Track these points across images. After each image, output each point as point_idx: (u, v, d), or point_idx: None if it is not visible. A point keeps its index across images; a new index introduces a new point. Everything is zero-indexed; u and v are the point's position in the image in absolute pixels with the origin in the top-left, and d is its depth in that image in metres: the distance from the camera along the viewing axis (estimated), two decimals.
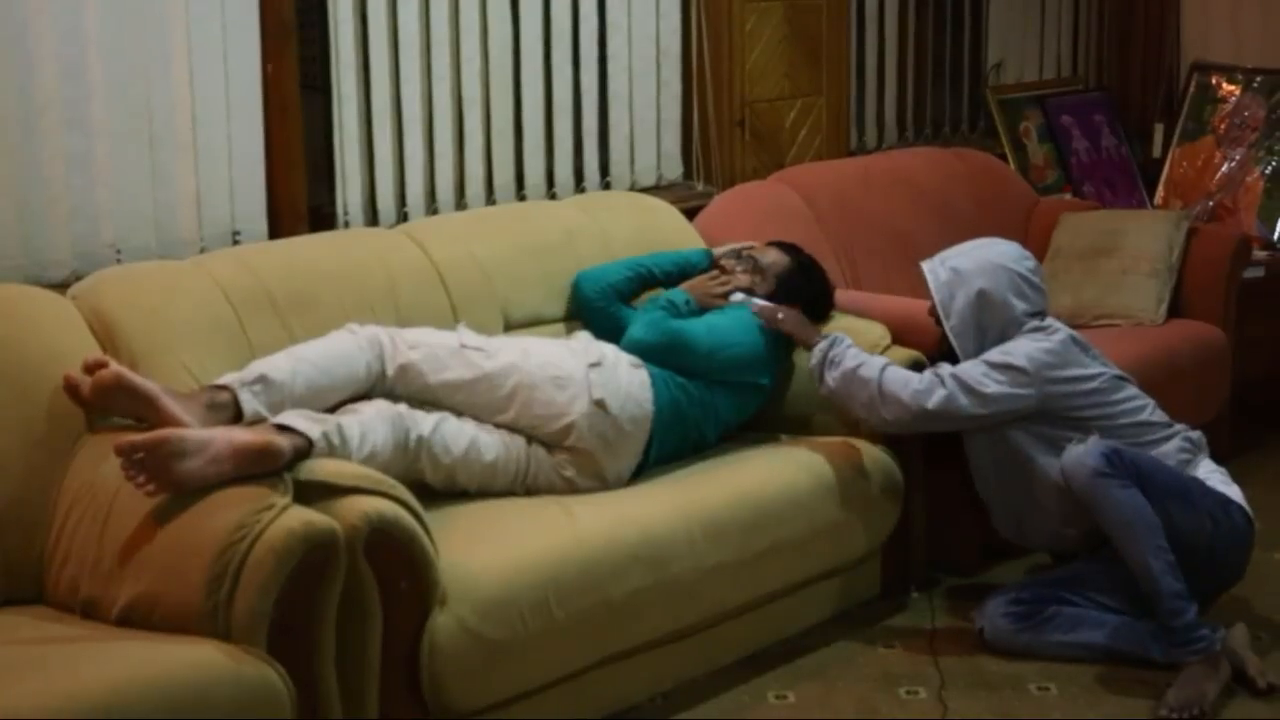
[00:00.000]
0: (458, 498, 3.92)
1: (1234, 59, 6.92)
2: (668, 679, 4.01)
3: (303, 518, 3.16)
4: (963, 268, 4.31)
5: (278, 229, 4.49)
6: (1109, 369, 4.30)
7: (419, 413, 3.85)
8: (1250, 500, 4.26)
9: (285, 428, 3.46)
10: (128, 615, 3.21)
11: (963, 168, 5.99)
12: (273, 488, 3.23)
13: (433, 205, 4.91)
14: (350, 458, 3.56)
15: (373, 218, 4.77)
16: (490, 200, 5.05)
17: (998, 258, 4.33)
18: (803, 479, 4.24)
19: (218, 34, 4.33)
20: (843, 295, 4.85)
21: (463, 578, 3.49)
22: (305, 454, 3.43)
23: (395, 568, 3.34)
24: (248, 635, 3.09)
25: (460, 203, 4.98)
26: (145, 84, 4.21)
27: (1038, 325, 4.26)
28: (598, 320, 4.49)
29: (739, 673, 4.11)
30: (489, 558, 3.60)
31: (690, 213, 5.12)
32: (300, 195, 4.58)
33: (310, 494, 3.28)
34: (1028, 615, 4.21)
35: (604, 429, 4.04)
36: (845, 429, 4.44)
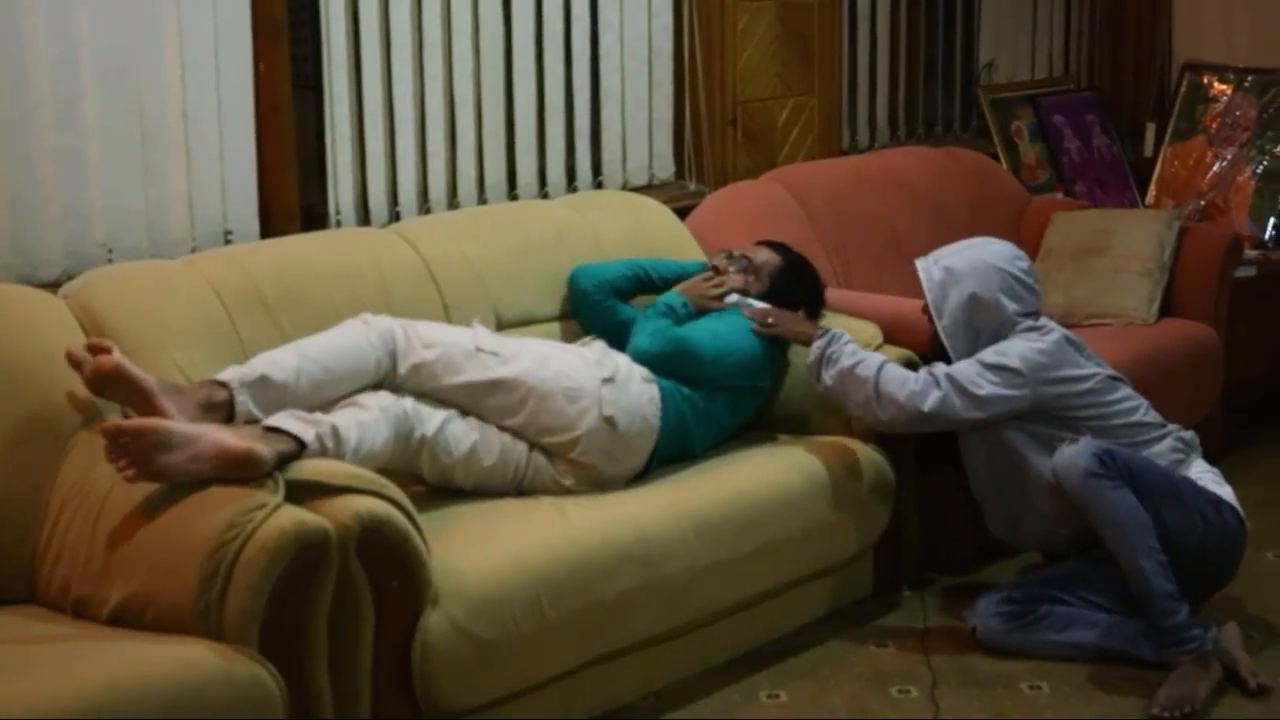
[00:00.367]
0: (450, 497, 3.92)
1: (1225, 58, 6.93)
2: (659, 678, 4.01)
3: (295, 517, 3.16)
4: (956, 267, 4.31)
5: (269, 228, 4.49)
6: (1103, 369, 4.30)
7: (424, 409, 3.84)
8: (1241, 499, 4.27)
9: (277, 430, 3.46)
10: (119, 615, 3.21)
11: (955, 167, 6.00)
12: (264, 487, 3.22)
13: (425, 204, 4.90)
14: (345, 458, 3.56)
15: (365, 217, 4.76)
16: (482, 200, 5.05)
17: (991, 258, 4.33)
18: (795, 478, 4.24)
19: (209, 33, 4.32)
20: (835, 294, 4.85)
21: (455, 577, 3.49)
22: (295, 456, 3.43)
23: (387, 567, 3.34)
24: (240, 635, 3.09)
25: (452, 202, 4.98)
26: (137, 83, 4.21)
27: (1031, 325, 4.27)
28: (592, 315, 4.48)
29: (731, 672, 4.11)
30: (481, 557, 3.60)
31: (682, 212, 5.13)
32: (292, 194, 4.57)
33: (302, 493, 3.28)
34: (1020, 614, 4.21)
35: (609, 445, 4.04)
36: (838, 428, 4.44)
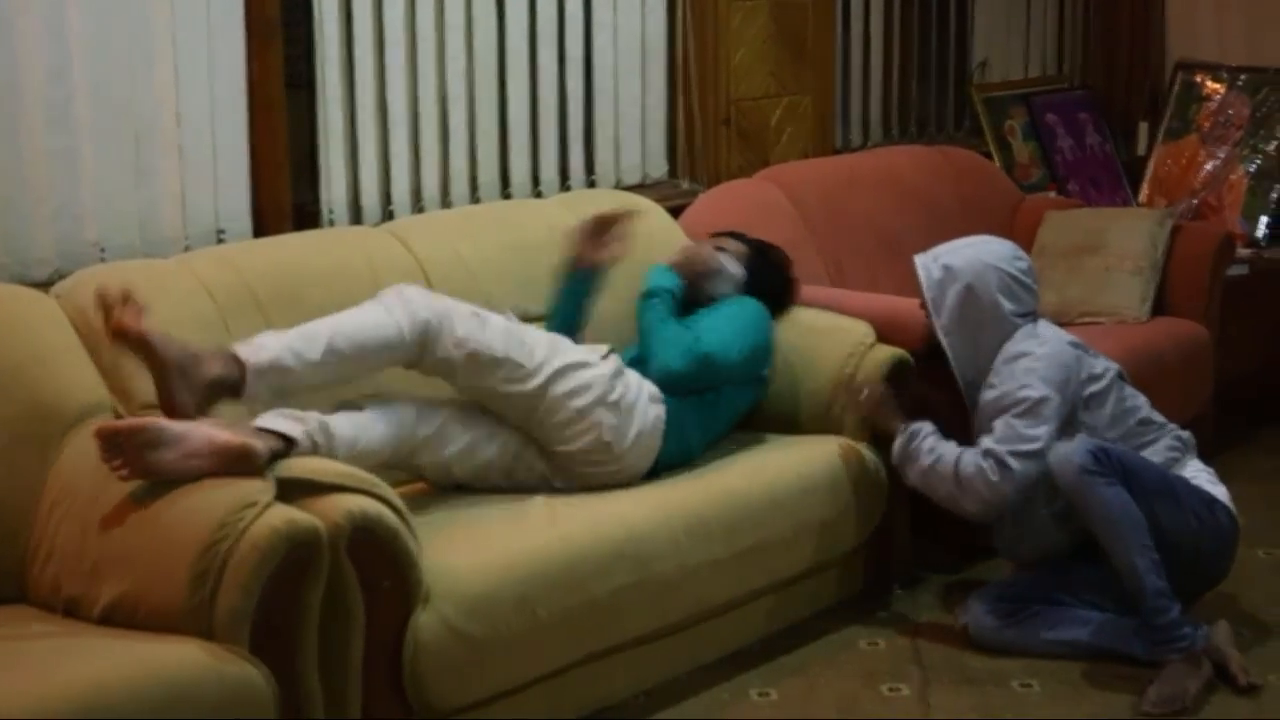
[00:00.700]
0: (442, 497, 3.94)
1: (1218, 57, 6.94)
2: (650, 677, 4.02)
3: (286, 516, 3.16)
4: (955, 265, 4.31)
5: (262, 228, 4.49)
6: (1112, 366, 4.31)
7: (427, 411, 3.87)
8: (1233, 497, 4.28)
9: (267, 430, 3.46)
10: (110, 614, 3.21)
11: (948, 166, 6.00)
12: (256, 486, 3.22)
13: (418, 204, 4.91)
14: (338, 454, 3.57)
15: (357, 216, 4.76)
16: (475, 198, 5.05)
17: (990, 257, 4.33)
18: (787, 477, 4.24)
19: (202, 32, 4.32)
20: (828, 293, 4.86)
21: (446, 576, 3.50)
22: (285, 454, 3.44)
23: (378, 566, 3.35)
24: (230, 634, 3.10)
25: (445, 201, 4.97)
26: (129, 83, 4.21)
27: (1030, 330, 4.25)
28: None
29: (721, 670, 4.12)
30: (472, 556, 3.61)
31: (675, 211, 5.13)
32: (285, 194, 4.57)
33: (293, 492, 3.28)
34: (1012, 612, 4.22)
35: (607, 461, 4.04)
36: (829, 427, 4.45)
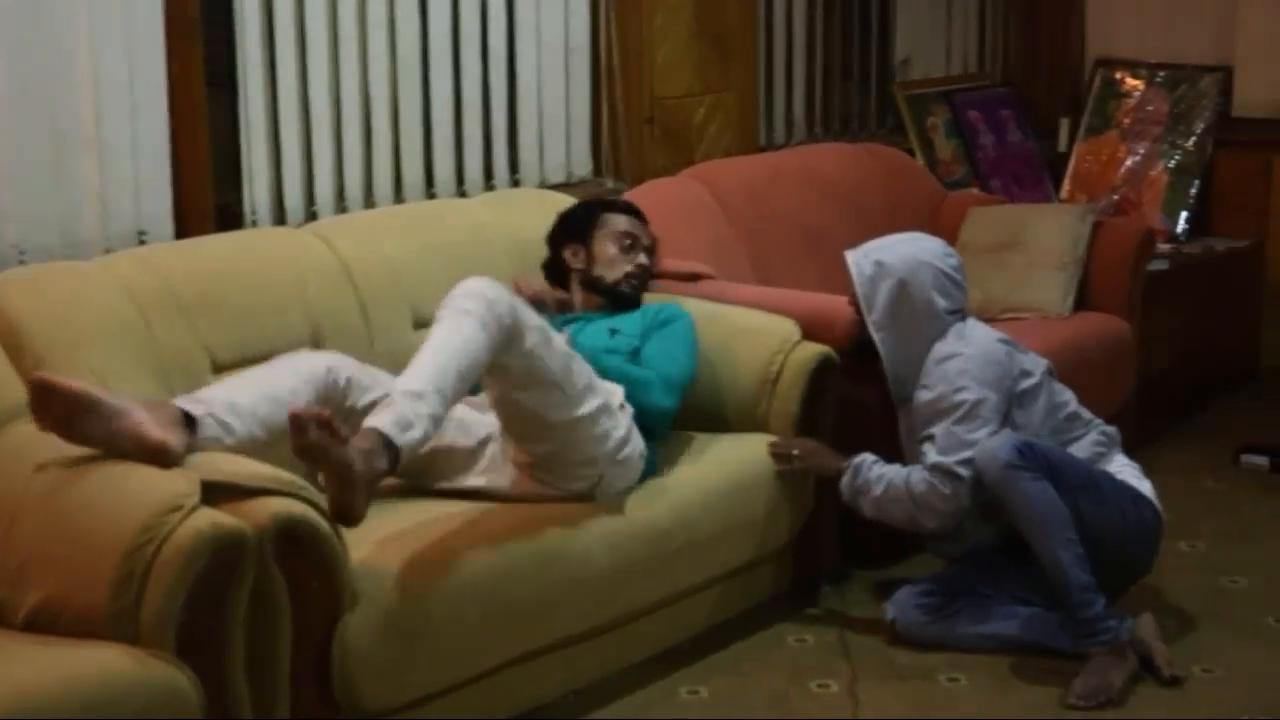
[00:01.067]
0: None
1: (1138, 54, 7.01)
2: (580, 677, 4.01)
3: (211, 519, 3.13)
4: (887, 261, 4.32)
5: (184, 229, 4.44)
6: (1041, 362, 4.34)
7: (366, 378, 3.82)
8: (1155, 490, 4.31)
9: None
10: (34, 619, 3.18)
11: (871, 163, 6.03)
12: (181, 489, 3.19)
13: (341, 204, 4.88)
14: (255, 434, 3.56)
15: (280, 217, 4.73)
16: (399, 198, 5.03)
17: (922, 254, 4.35)
18: (714, 476, 4.24)
19: (121, 31, 4.28)
20: (753, 291, 4.86)
21: (374, 577, 3.48)
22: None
23: (305, 568, 3.32)
24: (156, 638, 3.07)
25: (369, 201, 4.95)
26: (47, 82, 4.16)
27: (959, 330, 4.27)
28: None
29: (652, 669, 4.12)
30: (401, 557, 3.58)
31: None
32: (206, 194, 4.54)
33: (219, 495, 3.25)
34: (939, 607, 4.24)
35: (582, 498, 3.99)
36: (754, 425, 4.45)
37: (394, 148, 5.02)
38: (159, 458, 3.29)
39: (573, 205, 4.76)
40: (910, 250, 4.36)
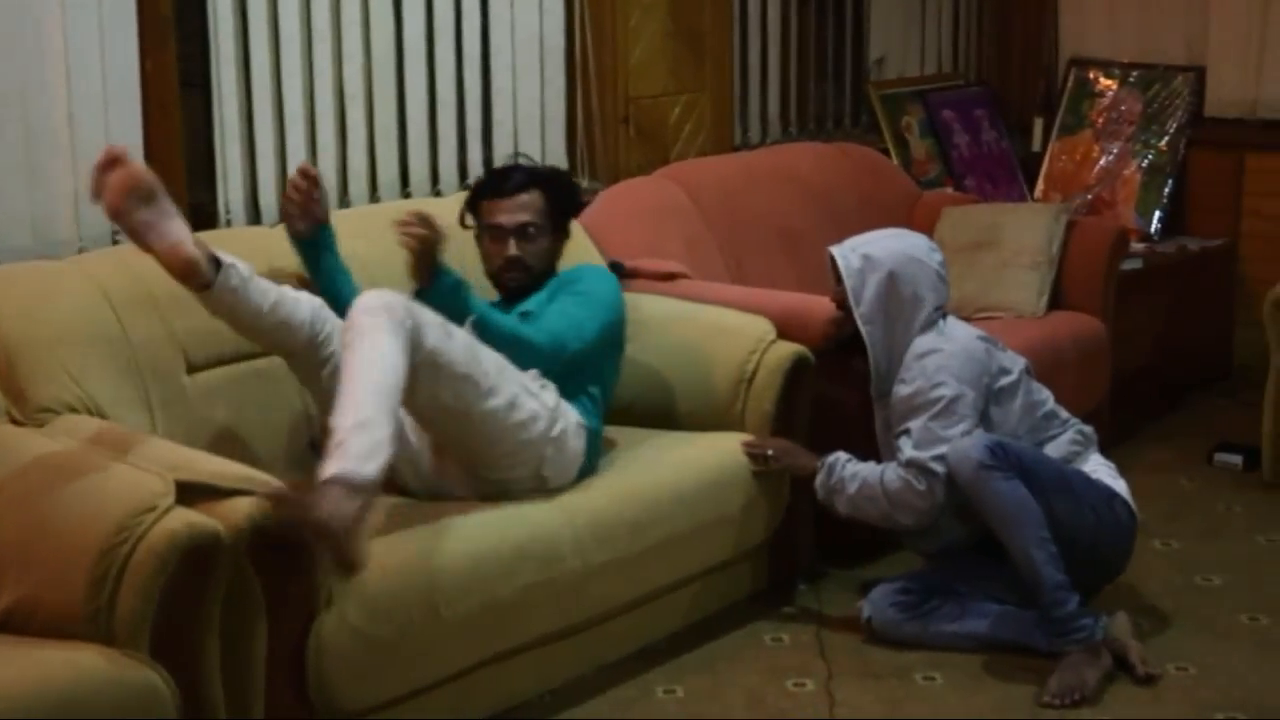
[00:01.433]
0: None
1: (1111, 54, 7.03)
2: (555, 676, 4.01)
3: (185, 519, 3.13)
4: (875, 255, 4.31)
5: None
6: (1019, 360, 4.34)
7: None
8: (1128, 489, 4.32)
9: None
10: (8, 619, 3.16)
11: (846, 163, 6.03)
12: (155, 489, 3.18)
13: None
14: (263, 306, 3.66)
15: (255, 216, 4.72)
16: (374, 197, 5.02)
17: (910, 249, 4.34)
18: (689, 474, 4.24)
19: (94, 31, 4.27)
20: (729, 290, 4.86)
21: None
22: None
23: (280, 569, 3.32)
24: (130, 639, 3.06)
25: (344, 200, 4.94)
26: (20, 82, 4.15)
27: (940, 327, 4.27)
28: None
29: (627, 668, 4.12)
30: (375, 557, 3.56)
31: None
32: (181, 194, 4.48)
33: (193, 495, 3.24)
34: (914, 605, 4.24)
35: (534, 490, 3.96)
36: (727, 424, 4.45)
37: (369, 147, 5.01)
38: (187, 273, 3.49)
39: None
40: (898, 245, 4.36)
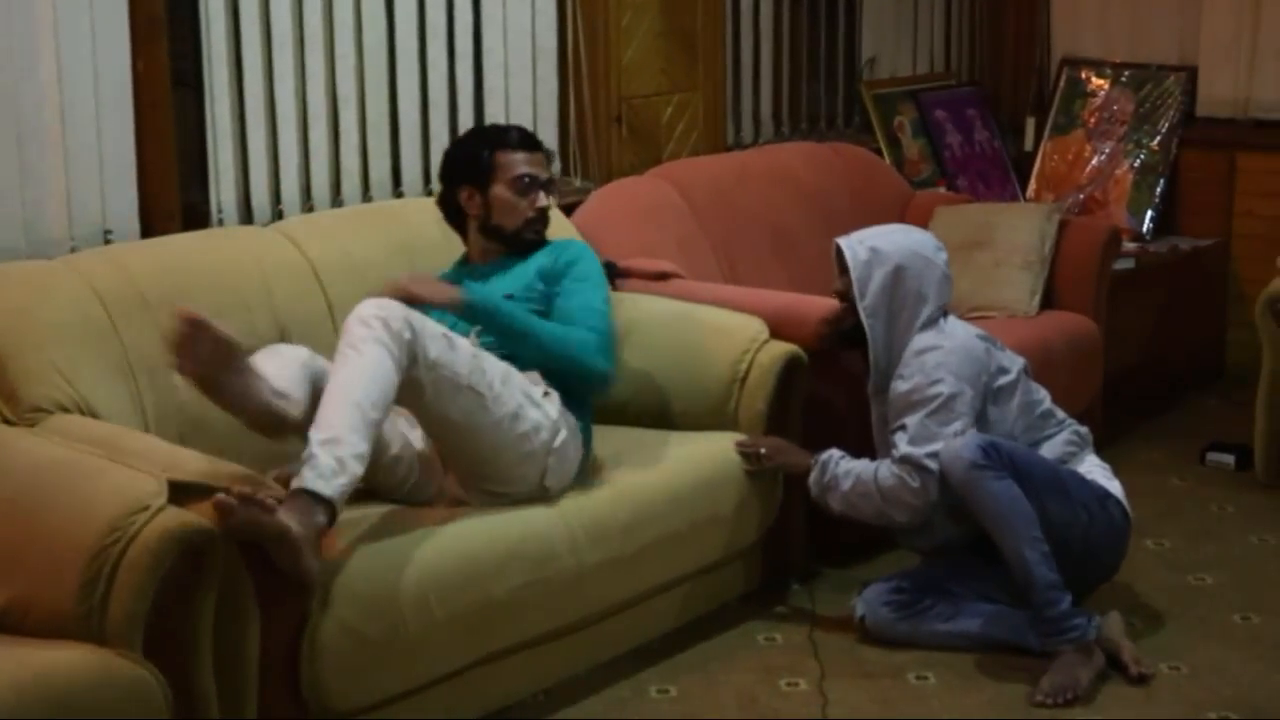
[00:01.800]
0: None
1: (1103, 54, 7.03)
2: (549, 676, 4.01)
3: (178, 519, 3.12)
4: (883, 249, 4.30)
5: (150, 228, 4.43)
6: (1018, 360, 4.34)
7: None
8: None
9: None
10: (0, 620, 3.15)
11: (839, 162, 6.03)
12: (148, 489, 3.18)
13: (308, 203, 4.86)
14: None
15: (247, 216, 4.71)
16: (367, 197, 5.02)
17: (918, 246, 4.34)
18: (682, 474, 4.24)
19: (86, 30, 4.26)
20: (721, 290, 4.86)
21: (343, 577, 3.47)
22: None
23: (273, 571, 3.31)
24: (123, 638, 3.06)
25: (336, 200, 4.94)
26: (12, 81, 4.14)
27: (940, 325, 4.26)
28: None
29: (621, 668, 4.12)
30: (369, 556, 3.58)
31: (568, 209, 5.11)
32: (173, 194, 4.52)
33: (186, 495, 3.24)
34: (907, 605, 4.24)
35: (533, 498, 3.96)
36: (720, 423, 4.45)
37: (361, 147, 5.00)
38: (278, 430, 3.45)
39: (463, 139, 4.46)
40: (906, 240, 4.35)
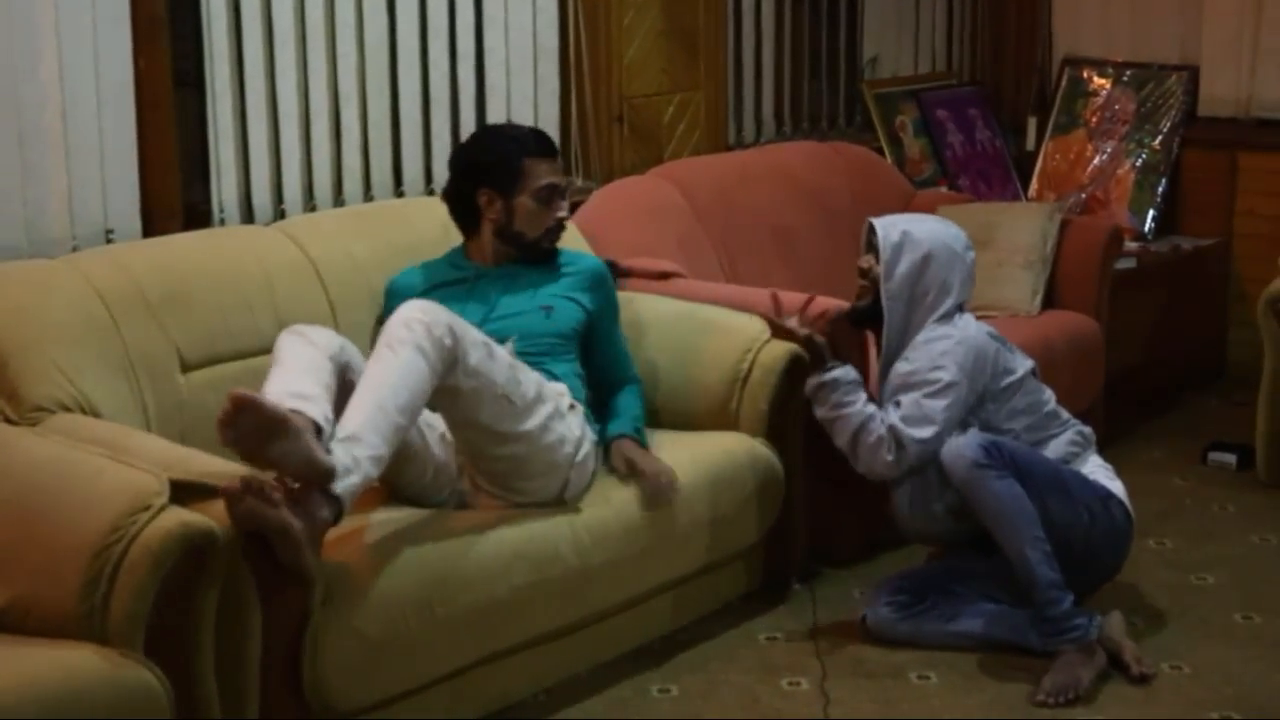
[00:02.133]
0: None
1: (1104, 53, 7.03)
2: (551, 675, 4.01)
3: (180, 518, 3.12)
4: (916, 235, 4.31)
5: (151, 227, 4.43)
6: (1026, 362, 4.34)
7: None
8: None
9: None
10: (2, 619, 3.15)
11: (840, 162, 6.03)
12: (150, 488, 3.18)
13: (310, 202, 4.86)
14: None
15: (249, 215, 4.71)
16: (368, 196, 5.02)
17: (950, 239, 4.35)
18: (684, 474, 4.22)
19: (88, 28, 4.26)
20: (723, 289, 4.86)
21: (345, 576, 3.47)
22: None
23: (274, 568, 3.31)
24: (125, 638, 3.06)
25: (338, 199, 4.94)
26: (13, 80, 4.14)
27: (955, 319, 4.26)
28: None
29: (622, 668, 4.12)
30: (371, 556, 3.58)
31: (570, 208, 5.09)
32: (174, 193, 4.52)
33: (188, 494, 3.24)
34: (909, 605, 4.24)
35: (551, 508, 3.97)
36: (724, 423, 4.45)
37: (362, 146, 5.00)
38: (326, 478, 3.35)
39: (484, 139, 4.44)
40: (940, 231, 4.36)
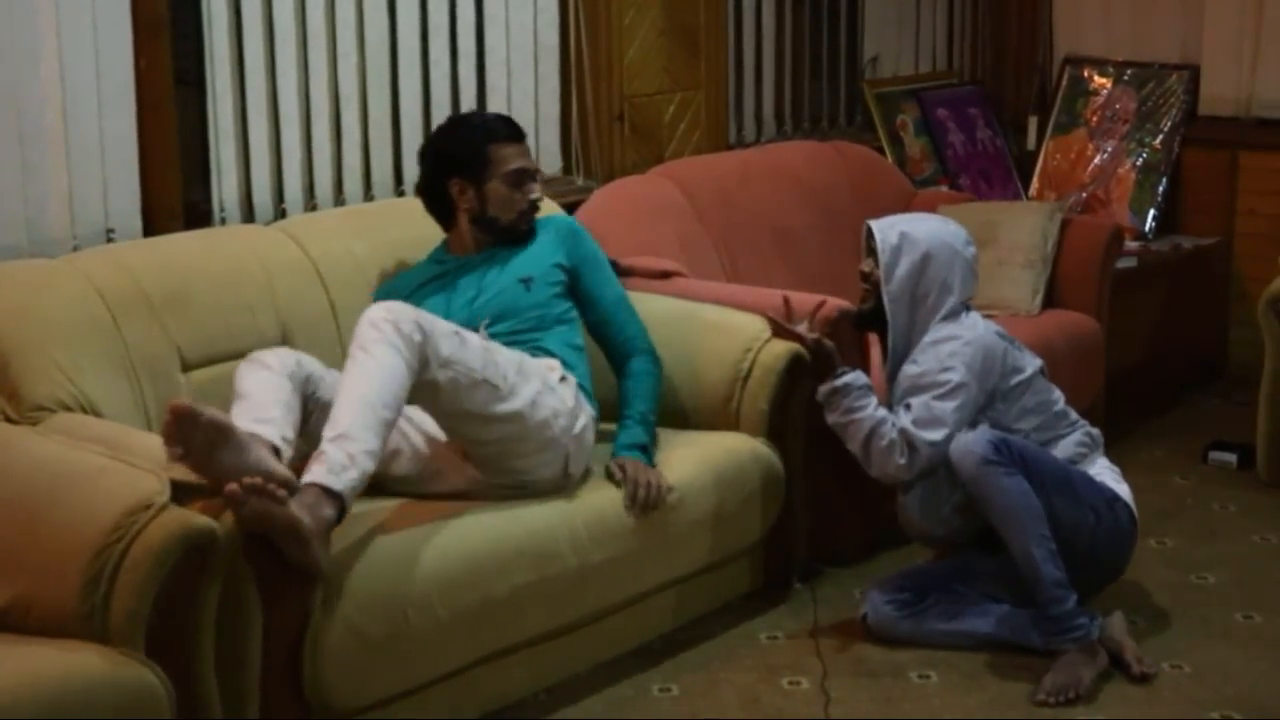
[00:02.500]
0: None
1: (1105, 52, 7.03)
2: (552, 674, 4.01)
3: (180, 518, 3.12)
4: (914, 235, 4.30)
5: (152, 227, 4.43)
6: (1035, 361, 4.34)
7: (328, 377, 3.78)
8: None
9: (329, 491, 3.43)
10: (3, 618, 3.16)
11: (841, 161, 6.03)
12: (151, 488, 3.18)
13: (310, 201, 4.86)
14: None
15: (249, 215, 4.71)
16: (369, 196, 5.02)
17: (949, 237, 4.34)
18: (685, 473, 4.23)
19: (88, 28, 4.26)
20: (723, 288, 4.86)
21: (346, 576, 3.47)
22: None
23: (275, 567, 3.31)
24: (125, 638, 3.06)
25: (338, 199, 4.93)
26: (14, 79, 4.13)
27: (961, 318, 4.26)
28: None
29: (623, 667, 4.12)
30: (372, 555, 3.58)
31: (570, 207, 5.11)
32: (175, 192, 4.52)
33: (188, 494, 3.24)
34: (911, 603, 4.24)
35: (558, 488, 3.99)
36: (725, 422, 4.45)
37: (363, 145, 5.00)
38: (287, 486, 3.32)
39: (450, 130, 4.42)
40: (937, 230, 4.35)
